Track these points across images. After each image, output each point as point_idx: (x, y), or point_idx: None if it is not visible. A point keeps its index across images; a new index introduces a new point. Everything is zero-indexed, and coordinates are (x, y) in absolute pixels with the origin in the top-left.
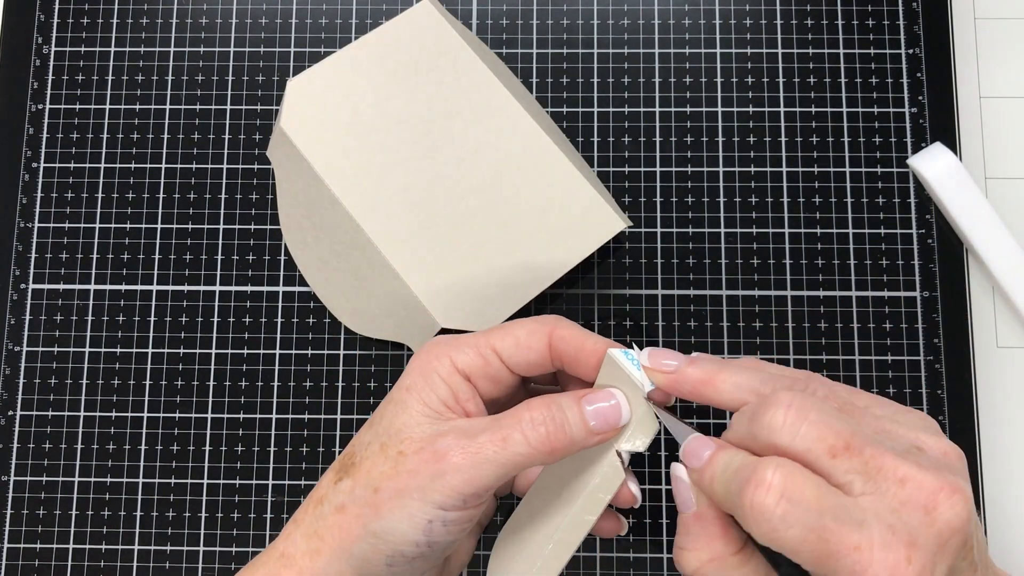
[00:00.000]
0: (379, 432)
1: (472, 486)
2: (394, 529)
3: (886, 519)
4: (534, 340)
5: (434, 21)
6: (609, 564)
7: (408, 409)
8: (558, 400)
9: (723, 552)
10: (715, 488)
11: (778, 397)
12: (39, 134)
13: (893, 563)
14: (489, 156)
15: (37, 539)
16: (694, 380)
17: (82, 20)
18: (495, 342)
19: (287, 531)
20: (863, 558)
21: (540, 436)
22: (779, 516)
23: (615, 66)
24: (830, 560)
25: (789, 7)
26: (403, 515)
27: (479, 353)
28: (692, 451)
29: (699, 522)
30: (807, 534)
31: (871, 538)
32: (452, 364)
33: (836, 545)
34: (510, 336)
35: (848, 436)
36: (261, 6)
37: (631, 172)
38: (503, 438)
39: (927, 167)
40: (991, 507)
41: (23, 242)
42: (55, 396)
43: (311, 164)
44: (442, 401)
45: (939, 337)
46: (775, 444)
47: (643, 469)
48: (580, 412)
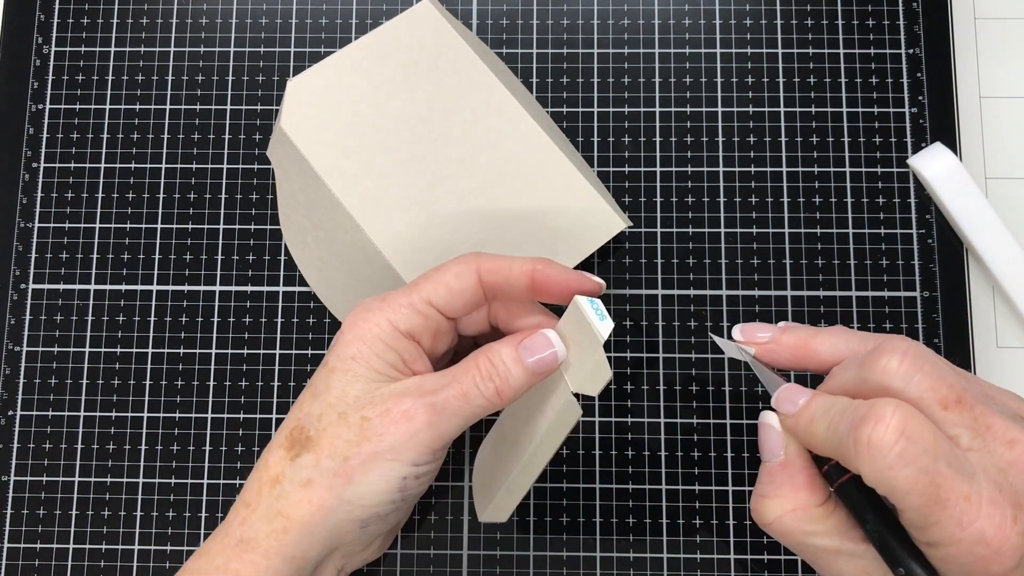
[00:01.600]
0: (332, 402)
1: (441, 440)
2: (369, 492)
3: (993, 476)
4: (464, 281)
5: (434, 21)
6: (609, 564)
7: (359, 377)
8: (499, 351)
9: (807, 502)
10: (814, 429)
11: (894, 343)
12: (39, 134)
13: (1000, 519)
14: (489, 156)
15: (37, 539)
16: (791, 346)
17: (82, 20)
18: (428, 294)
19: (239, 516)
20: (971, 509)
21: (491, 391)
22: (896, 453)
23: (615, 66)
24: (938, 507)
25: (789, 7)
26: (378, 477)
27: (416, 311)
28: (786, 397)
29: (785, 470)
30: (921, 475)
31: (980, 492)
32: (393, 327)
33: (947, 492)
34: (440, 284)
35: (960, 390)
36: (261, 6)
37: (631, 172)
38: (463, 393)
39: (927, 167)
40: None
41: (23, 242)
42: (55, 396)
43: (311, 164)
44: (391, 365)
45: (939, 337)
46: (888, 387)
47: (642, 469)
48: (518, 358)
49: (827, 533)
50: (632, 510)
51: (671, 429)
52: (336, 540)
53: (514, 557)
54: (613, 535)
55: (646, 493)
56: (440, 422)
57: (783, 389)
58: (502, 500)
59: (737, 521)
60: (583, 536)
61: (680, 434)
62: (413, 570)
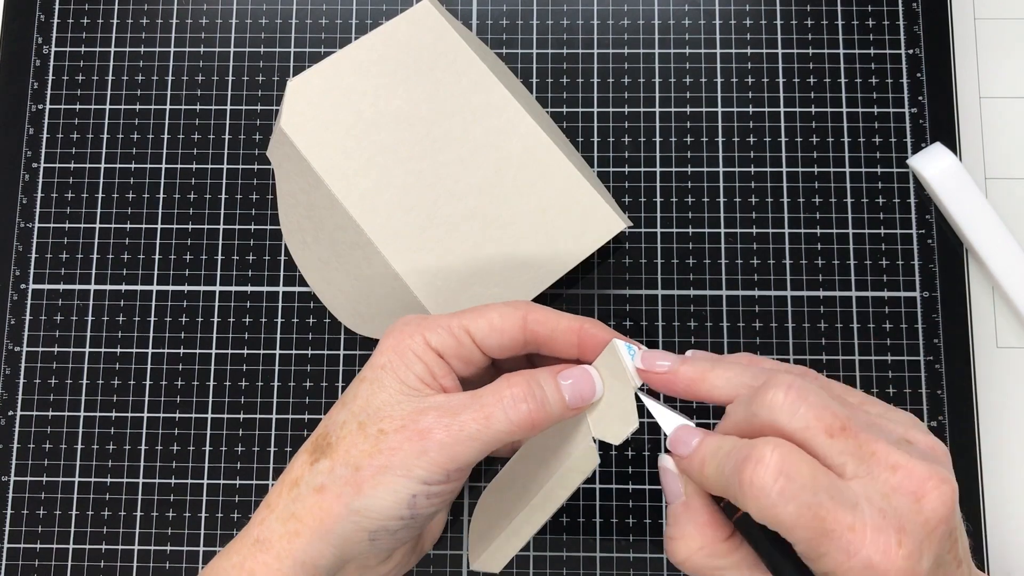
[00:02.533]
0: (355, 411)
1: (456, 462)
2: (378, 506)
3: (877, 503)
4: (507, 323)
5: (434, 21)
6: (609, 564)
7: (385, 388)
8: (536, 377)
9: (713, 539)
10: (706, 472)
11: (779, 378)
12: (39, 134)
13: (884, 545)
14: (489, 156)
15: (37, 539)
16: (687, 379)
17: (82, 20)
18: (468, 324)
19: (260, 516)
20: (856, 538)
21: (521, 414)
22: (777, 491)
23: (615, 66)
24: (824, 539)
25: (789, 7)
26: (387, 491)
27: (452, 334)
28: (679, 439)
29: (688, 511)
30: (803, 511)
31: (864, 519)
32: (425, 342)
33: (832, 523)
34: (483, 319)
35: (844, 419)
36: (261, 6)
37: (631, 172)
38: (486, 416)
39: (927, 167)
40: (991, 507)
41: (23, 242)
42: (55, 396)
43: (311, 164)
44: (419, 378)
45: (939, 337)
46: (774, 422)
47: (643, 469)
48: (557, 387)
49: (735, 567)
50: (632, 510)
51: None
52: (346, 550)
53: (514, 557)
54: (613, 535)
55: (646, 493)
56: (455, 444)
57: (676, 431)
58: (500, 547)
59: None
60: (583, 536)
61: None
62: (413, 570)
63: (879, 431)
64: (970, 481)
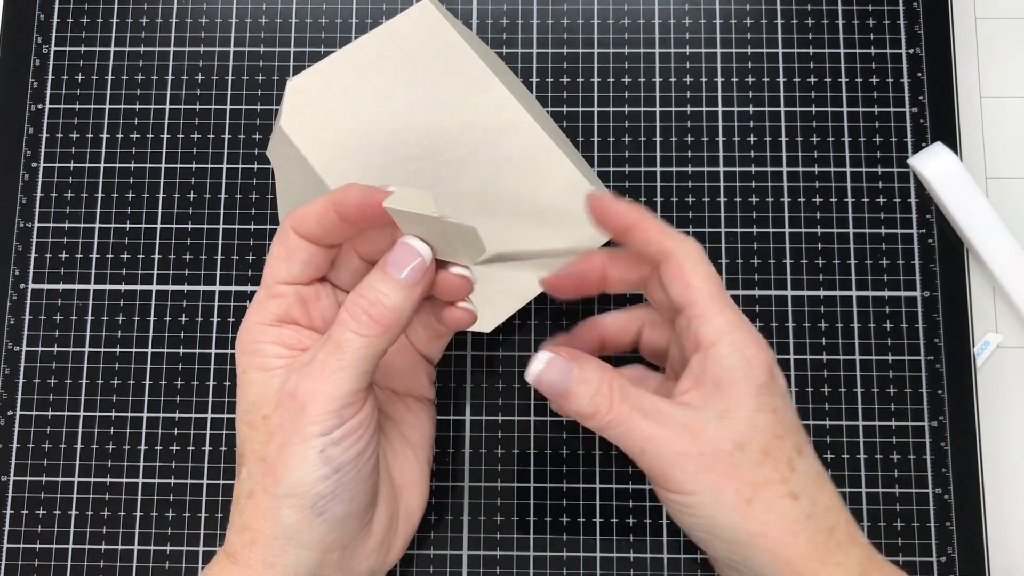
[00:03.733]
0: (241, 416)
1: (336, 401)
2: (295, 479)
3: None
4: (292, 245)
5: (434, 21)
6: (609, 564)
7: (252, 382)
8: (365, 282)
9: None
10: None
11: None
12: (39, 134)
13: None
14: (489, 156)
15: (37, 539)
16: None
17: (82, 20)
18: (269, 277)
19: (228, 535)
20: None
21: (366, 323)
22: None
23: (615, 66)
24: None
25: (789, 7)
26: (296, 463)
27: (271, 297)
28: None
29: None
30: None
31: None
32: (259, 324)
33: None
34: (275, 260)
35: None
36: (261, 6)
37: (631, 172)
38: (336, 344)
39: (927, 167)
40: (991, 507)
41: (23, 242)
42: (55, 396)
43: (311, 164)
44: (277, 356)
45: (939, 337)
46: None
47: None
48: (386, 277)
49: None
50: (632, 510)
51: None
52: (302, 540)
53: (514, 557)
54: (613, 535)
55: (646, 493)
56: (325, 385)
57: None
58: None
59: None
60: (583, 536)
61: None
62: (413, 570)
63: None
64: (970, 481)
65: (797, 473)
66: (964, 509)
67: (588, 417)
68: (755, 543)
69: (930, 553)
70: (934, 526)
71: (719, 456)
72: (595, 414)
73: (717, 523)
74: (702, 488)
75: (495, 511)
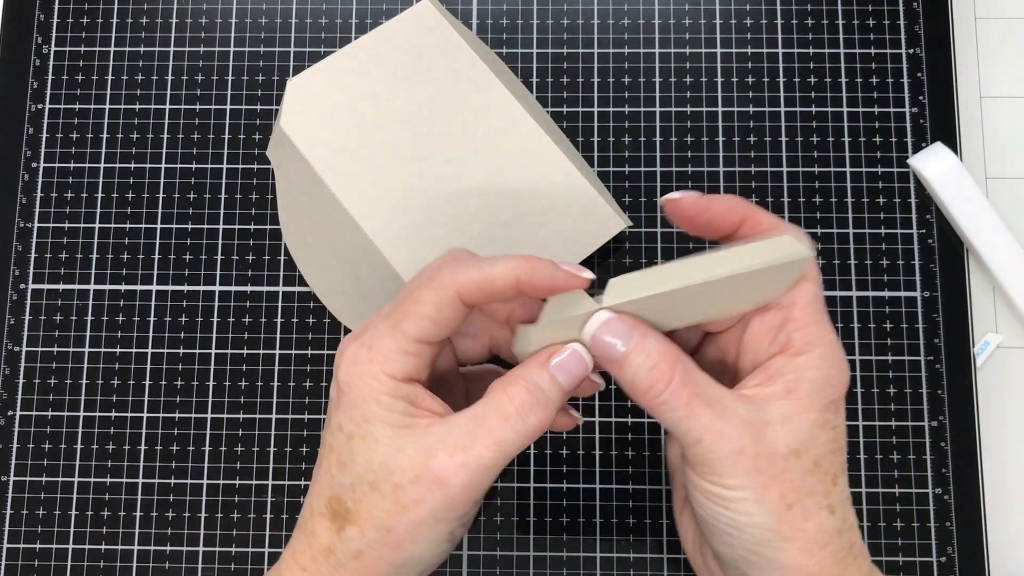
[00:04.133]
0: (360, 472)
1: (481, 491)
2: (420, 554)
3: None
4: (446, 311)
5: (434, 21)
6: (609, 564)
7: (377, 440)
8: (531, 378)
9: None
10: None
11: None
12: (39, 134)
13: None
14: (489, 156)
15: (37, 539)
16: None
17: (82, 20)
18: (413, 333)
19: (304, 570)
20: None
21: (532, 426)
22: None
23: (615, 66)
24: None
25: (789, 7)
26: (425, 541)
27: (406, 352)
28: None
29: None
30: None
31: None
32: (392, 378)
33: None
34: (423, 319)
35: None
36: (261, 6)
37: (631, 172)
38: (498, 442)
39: (927, 167)
40: (991, 507)
41: (23, 242)
42: (55, 396)
43: (311, 164)
44: (403, 414)
45: (939, 337)
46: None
47: (643, 469)
48: (552, 379)
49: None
50: (632, 510)
51: None
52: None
53: (514, 557)
54: (613, 535)
55: (645, 493)
56: (476, 479)
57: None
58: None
59: None
60: (583, 536)
61: None
62: None
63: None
64: (970, 481)
65: (837, 489)
66: (964, 509)
67: (640, 392)
68: (781, 547)
69: (930, 553)
70: (934, 526)
71: (774, 459)
72: (648, 390)
73: (751, 521)
74: (748, 485)
75: (495, 511)
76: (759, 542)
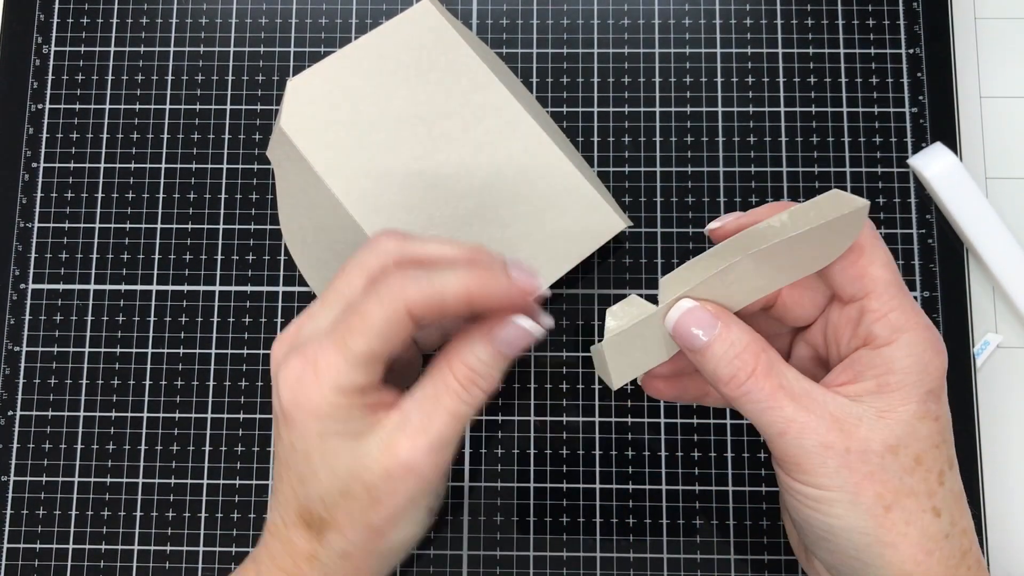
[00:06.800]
0: (327, 485)
1: (446, 463)
2: (404, 536)
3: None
4: (395, 328)
5: (434, 21)
6: (609, 564)
7: (338, 452)
8: (474, 353)
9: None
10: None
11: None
12: (39, 134)
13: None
14: (489, 156)
15: (37, 539)
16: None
17: (82, 20)
18: (361, 348)
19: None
20: None
21: (480, 396)
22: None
23: (615, 66)
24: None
25: (789, 7)
26: (406, 524)
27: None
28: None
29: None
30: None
31: None
32: (342, 394)
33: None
34: (371, 337)
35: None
36: (261, 6)
37: (631, 172)
38: (453, 414)
39: (927, 167)
40: (991, 507)
41: (23, 242)
42: (55, 396)
43: (311, 164)
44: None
45: None
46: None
47: (642, 469)
48: (498, 354)
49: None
50: (632, 510)
51: (671, 429)
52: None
53: (514, 557)
54: (613, 535)
55: (646, 493)
56: (440, 455)
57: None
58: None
59: (737, 521)
60: (583, 536)
61: (680, 434)
62: (413, 570)
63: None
64: (970, 481)
65: (944, 488)
66: None
67: (723, 381)
68: (883, 554)
69: None
70: None
71: (867, 456)
72: (732, 379)
73: (847, 524)
74: (839, 486)
75: (495, 511)
76: (858, 548)
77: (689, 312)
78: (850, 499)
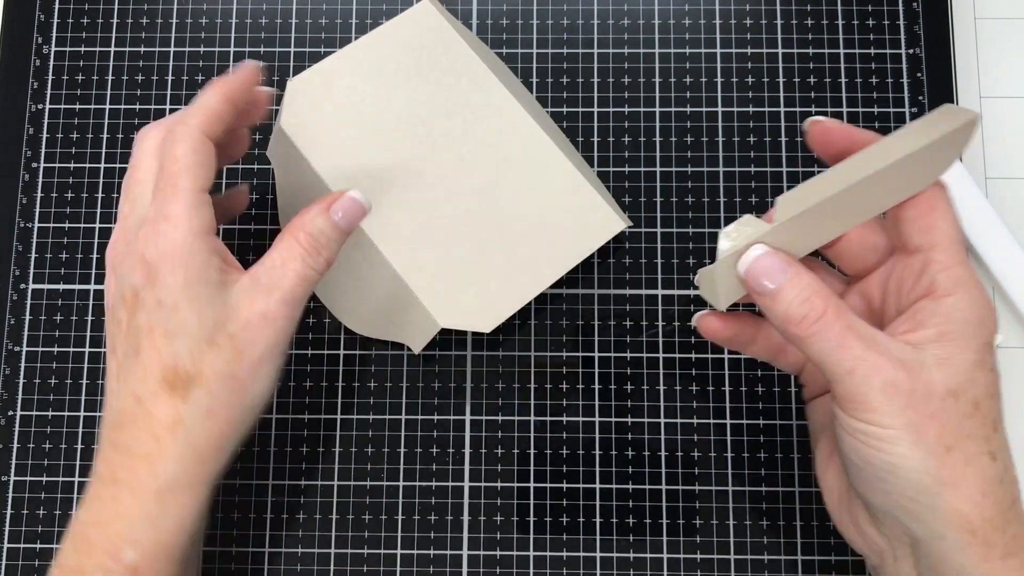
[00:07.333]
0: (195, 334)
1: (295, 324)
2: (261, 392)
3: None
4: (204, 152)
5: (434, 21)
6: (609, 564)
7: (205, 299)
8: (314, 223)
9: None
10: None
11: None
12: (39, 134)
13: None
14: (489, 156)
15: (37, 539)
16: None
17: (82, 20)
18: (191, 185)
19: (145, 469)
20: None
21: (323, 262)
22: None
23: (615, 66)
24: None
25: (789, 7)
26: (263, 379)
27: (197, 205)
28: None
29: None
30: None
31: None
32: (199, 235)
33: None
34: (193, 170)
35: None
36: (261, 6)
37: (631, 172)
38: (302, 277)
39: None
40: None
41: (23, 242)
42: (55, 396)
43: (311, 164)
44: (220, 271)
45: None
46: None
47: (643, 469)
48: (336, 225)
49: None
50: (632, 510)
51: (671, 429)
52: (243, 434)
53: (514, 557)
54: (613, 535)
55: (646, 493)
56: (293, 312)
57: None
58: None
59: (737, 521)
60: (583, 536)
61: (680, 434)
62: (413, 570)
63: None
64: None
65: (999, 435)
66: None
67: (795, 321)
68: (942, 493)
69: None
70: None
71: (930, 399)
72: (803, 320)
73: (908, 464)
74: (903, 424)
75: (495, 511)
76: (917, 488)
77: (761, 258)
78: (913, 438)
